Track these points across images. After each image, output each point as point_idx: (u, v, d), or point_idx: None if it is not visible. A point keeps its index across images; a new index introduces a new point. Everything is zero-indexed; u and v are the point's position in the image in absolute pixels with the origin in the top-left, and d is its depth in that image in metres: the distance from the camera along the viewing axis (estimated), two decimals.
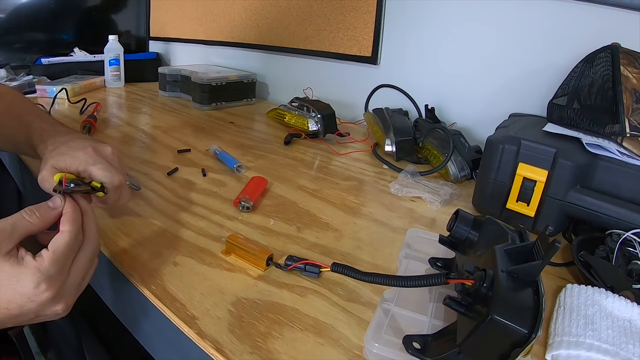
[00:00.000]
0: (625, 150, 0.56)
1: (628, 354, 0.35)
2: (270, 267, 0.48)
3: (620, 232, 0.51)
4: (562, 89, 0.67)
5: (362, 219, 0.61)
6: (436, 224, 0.62)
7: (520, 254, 0.34)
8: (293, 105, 1.03)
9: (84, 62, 1.51)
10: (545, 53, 0.85)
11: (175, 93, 1.37)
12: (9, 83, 1.26)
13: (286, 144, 0.93)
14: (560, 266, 0.53)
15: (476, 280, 0.32)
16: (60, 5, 1.52)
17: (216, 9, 1.48)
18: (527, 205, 0.58)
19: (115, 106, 1.24)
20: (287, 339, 0.38)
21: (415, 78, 1.06)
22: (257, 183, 0.67)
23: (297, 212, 0.62)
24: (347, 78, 1.20)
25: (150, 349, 0.50)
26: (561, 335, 0.37)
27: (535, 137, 0.60)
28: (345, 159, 0.87)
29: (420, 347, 0.34)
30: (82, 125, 0.91)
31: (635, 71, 0.59)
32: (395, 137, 0.84)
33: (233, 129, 1.04)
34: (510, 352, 0.29)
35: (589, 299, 0.41)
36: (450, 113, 1.01)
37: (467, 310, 0.33)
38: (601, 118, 0.59)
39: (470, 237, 0.42)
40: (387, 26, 1.09)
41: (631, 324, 0.39)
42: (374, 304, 0.43)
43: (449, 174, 0.75)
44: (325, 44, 1.20)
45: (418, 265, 0.47)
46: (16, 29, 1.44)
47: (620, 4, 0.73)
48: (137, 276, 0.45)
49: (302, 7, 1.23)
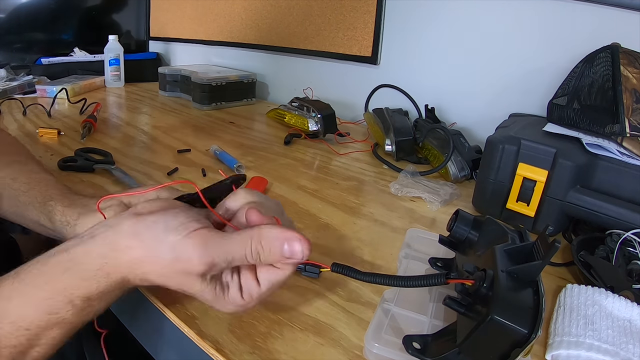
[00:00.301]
0: (625, 150, 0.56)
1: (628, 354, 0.35)
2: None
3: (620, 232, 0.51)
4: (562, 89, 0.67)
5: (362, 219, 0.61)
6: (436, 224, 0.62)
7: (520, 254, 0.34)
8: (293, 105, 1.03)
9: (84, 62, 1.51)
10: (545, 53, 0.85)
11: (175, 93, 1.37)
12: (9, 83, 1.26)
13: (286, 144, 0.93)
14: (560, 266, 0.53)
15: (476, 280, 0.32)
16: (60, 5, 1.52)
17: (216, 9, 1.48)
18: (527, 205, 0.58)
19: (115, 106, 1.24)
20: (287, 339, 0.38)
21: (415, 78, 1.06)
22: (257, 183, 0.67)
23: (297, 212, 0.62)
24: (347, 78, 1.20)
25: (150, 349, 0.50)
26: (561, 335, 0.37)
27: (535, 137, 0.60)
28: (345, 159, 0.87)
29: (420, 347, 0.34)
30: (82, 125, 0.91)
31: (635, 71, 0.59)
32: (395, 137, 0.84)
33: (233, 129, 1.04)
34: (510, 352, 0.29)
35: (589, 299, 0.41)
36: (450, 113, 1.01)
37: (467, 310, 0.33)
38: (601, 118, 0.59)
39: (470, 237, 0.42)
40: (387, 26, 1.09)
41: (631, 324, 0.38)
42: (374, 304, 0.43)
43: (449, 174, 0.75)
44: (325, 44, 1.20)
45: (418, 265, 0.47)
46: (16, 29, 1.44)
47: (620, 4, 0.73)
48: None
49: (302, 7, 1.23)
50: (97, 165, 0.71)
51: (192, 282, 0.33)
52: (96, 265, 0.33)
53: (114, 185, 0.67)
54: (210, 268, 0.33)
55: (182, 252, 0.32)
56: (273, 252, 0.33)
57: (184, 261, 0.32)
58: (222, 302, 0.35)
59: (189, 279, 0.33)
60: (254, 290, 0.35)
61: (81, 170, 0.71)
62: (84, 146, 0.82)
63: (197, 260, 0.32)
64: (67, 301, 0.32)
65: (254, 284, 0.35)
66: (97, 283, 0.33)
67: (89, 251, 0.33)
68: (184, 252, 0.32)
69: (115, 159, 0.77)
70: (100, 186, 0.66)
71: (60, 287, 0.32)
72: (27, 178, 0.49)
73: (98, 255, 0.33)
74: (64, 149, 0.82)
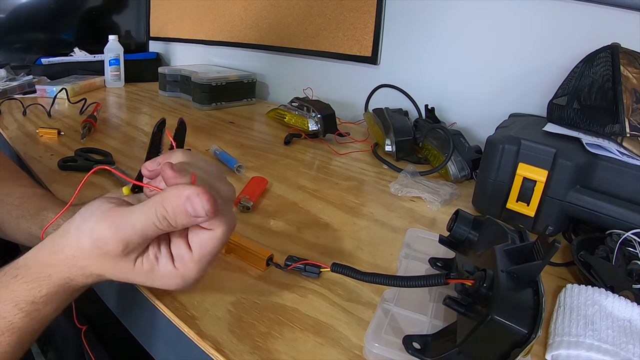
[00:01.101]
0: (625, 150, 0.56)
1: (628, 354, 0.35)
2: (270, 267, 0.48)
3: (620, 232, 0.51)
4: (562, 89, 0.67)
5: (362, 219, 0.61)
6: (436, 224, 0.62)
7: (520, 254, 0.34)
8: (293, 105, 1.03)
9: (84, 62, 1.51)
10: (545, 53, 0.84)
11: (175, 93, 1.37)
12: (9, 83, 1.26)
13: (286, 144, 0.93)
14: (560, 266, 0.53)
15: (476, 280, 0.32)
16: (60, 5, 1.52)
17: (216, 9, 1.48)
18: (527, 205, 0.58)
19: (115, 106, 1.24)
20: (287, 339, 0.38)
21: (415, 78, 1.06)
22: (257, 183, 0.67)
23: (297, 212, 0.62)
24: (347, 78, 1.20)
25: (150, 349, 0.50)
26: (561, 335, 0.37)
27: (535, 137, 0.60)
28: (345, 159, 0.87)
29: (420, 347, 0.34)
30: (82, 125, 0.91)
31: (635, 71, 0.59)
32: (395, 137, 0.84)
33: (233, 129, 1.04)
34: (510, 352, 0.29)
35: (589, 299, 0.41)
36: (450, 113, 1.01)
37: (467, 310, 0.33)
38: (601, 118, 0.59)
39: (470, 237, 0.42)
40: (387, 26, 1.09)
41: (631, 324, 0.38)
42: (374, 304, 0.43)
43: (449, 174, 0.75)
44: (325, 44, 1.20)
45: (418, 265, 0.47)
46: (16, 29, 1.44)
47: (620, 4, 0.73)
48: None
49: (302, 7, 1.23)
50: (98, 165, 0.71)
51: (119, 265, 0.33)
52: (39, 269, 0.33)
53: (114, 186, 0.67)
54: (126, 245, 0.32)
55: (98, 236, 0.32)
56: (178, 213, 0.31)
57: (101, 245, 0.32)
58: (158, 277, 0.34)
59: (115, 263, 0.33)
60: (186, 257, 0.34)
61: (81, 170, 0.71)
62: (84, 146, 0.82)
63: (110, 239, 0.32)
64: (13, 305, 0.32)
65: (184, 250, 0.34)
66: (39, 286, 0.33)
67: (36, 255, 0.34)
68: (100, 235, 0.32)
69: (115, 159, 0.77)
70: (100, 186, 0.66)
71: (7, 293, 0.32)
72: (20, 193, 0.49)
73: (42, 259, 0.34)
74: (64, 149, 0.82)
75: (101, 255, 0.32)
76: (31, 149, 0.81)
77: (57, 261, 0.33)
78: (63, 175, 0.70)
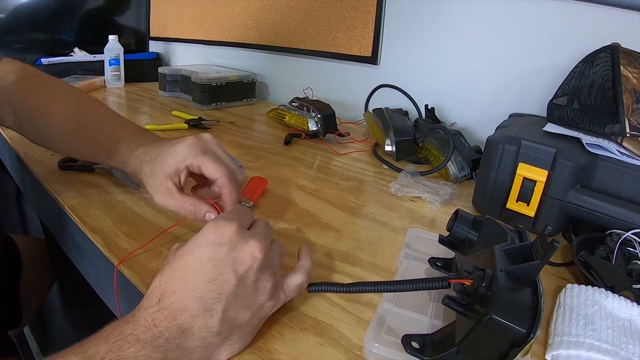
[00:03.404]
0: (625, 150, 0.56)
1: (628, 354, 0.35)
2: None
3: (620, 232, 0.51)
4: (562, 89, 0.67)
5: (362, 219, 0.61)
6: (436, 224, 0.62)
7: (519, 253, 0.34)
8: (293, 105, 1.03)
9: (84, 62, 1.51)
10: (546, 53, 0.84)
11: (175, 93, 1.37)
12: None
13: (286, 144, 0.93)
14: (560, 266, 0.53)
15: (475, 279, 0.32)
16: (60, 5, 1.52)
17: (216, 9, 1.48)
18: (527, 205, 0.58)
19: (115, 106, 1.24)
20: (287, 339, 0.38)
21: (415, 78, 1.06)
22: (257, 183, 0.67)
23: (297, 212, 0.62)
24: (347, 78, 1.20)
25: None
26: (561, 335, 0.37)
27: (535, 137, 0.60)
28: (345, 159, 0.87)
29: (419, 346, 0.34)
30: None
31: (635, 71, 0.59)
32: (395, 137, 0.84)
33: (233, 129, 1.04)
34: (509, 351, 0.29)
35: (589, 299, 0.41)
36: (450, 113, 1.01)
37: (466, 310, 0.33)
38: (601, 118, 0.59)
39: (469, 237, 0.42)
40: (387, 26, 1.09)
41: (631, 324, 0.39)
42: (374, 304, 0.43)
43: (449, 174, 0.75)
44: (325, 44, 1.20)
45: (418, 265, 0.47)
46: (16, 29, 1.44)
47: (620, 4, 0.73)
48: (138, 277, 0.45)
49: (302, 7, 1.23)
50: (97, 165, 0.71)
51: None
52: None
53: (114, 186, 0.67)
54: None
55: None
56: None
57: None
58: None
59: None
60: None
61: (81, 171, 0.71)
62: None
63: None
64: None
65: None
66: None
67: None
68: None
69: None
70: (100, 186, 0.66)
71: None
72: (95, 120, 0.57)
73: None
74: None
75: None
76: (31, 149, 0.80)
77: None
78: (63, 175, 0.70)
